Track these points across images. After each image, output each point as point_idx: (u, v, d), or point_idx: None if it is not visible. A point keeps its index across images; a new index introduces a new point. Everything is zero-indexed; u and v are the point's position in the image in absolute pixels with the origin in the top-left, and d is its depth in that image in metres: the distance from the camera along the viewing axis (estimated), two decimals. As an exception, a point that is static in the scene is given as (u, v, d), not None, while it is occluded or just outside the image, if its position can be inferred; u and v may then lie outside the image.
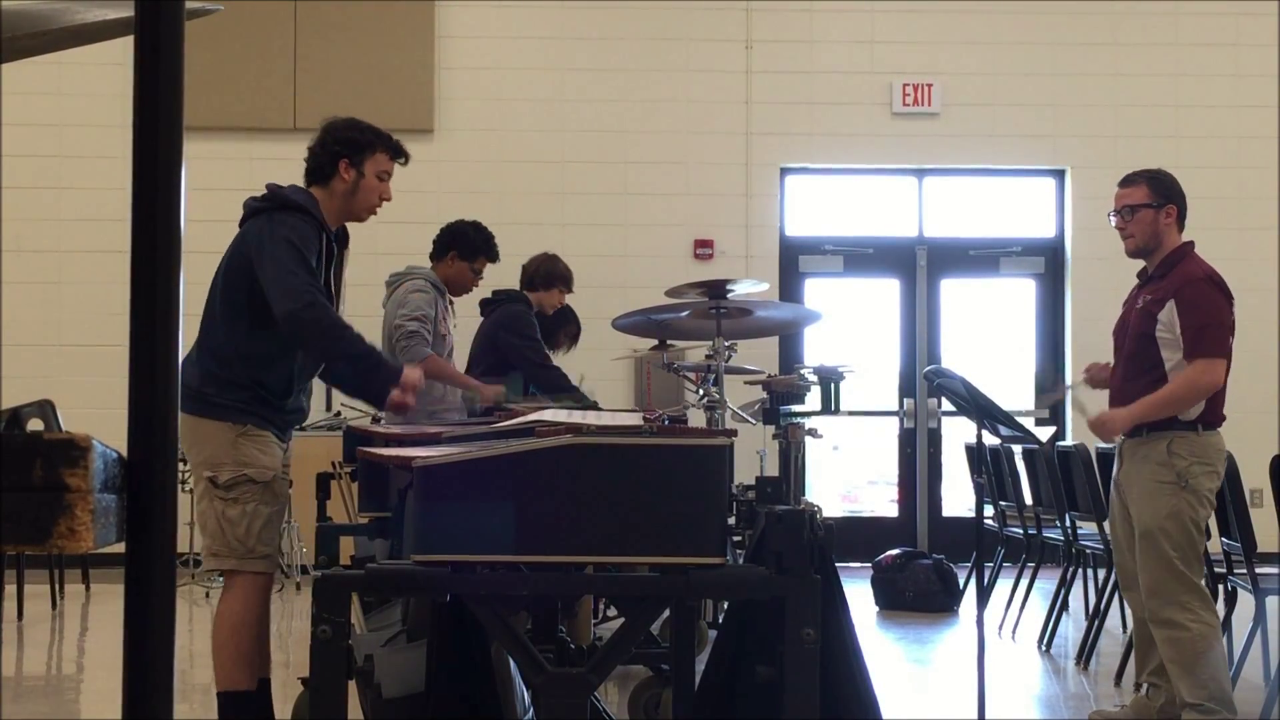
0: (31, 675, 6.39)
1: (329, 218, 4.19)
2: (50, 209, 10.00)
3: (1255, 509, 5.43)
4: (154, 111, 1.45)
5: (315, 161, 4.26)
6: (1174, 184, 4.96)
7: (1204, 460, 4.67)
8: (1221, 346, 4.71)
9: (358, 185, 4.23)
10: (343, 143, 4.24)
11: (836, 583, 2.92)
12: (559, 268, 6.95)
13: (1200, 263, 4.89)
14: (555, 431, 2.79)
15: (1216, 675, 4.63)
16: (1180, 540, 4.64)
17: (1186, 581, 4.64)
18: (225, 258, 4.16)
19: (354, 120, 4.35)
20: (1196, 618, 4.63)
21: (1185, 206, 4.97)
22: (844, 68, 10.46)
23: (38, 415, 7.90)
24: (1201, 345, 4.69)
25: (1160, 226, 4.93)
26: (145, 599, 1.41)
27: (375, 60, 10.10)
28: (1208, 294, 4.78)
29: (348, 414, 8.81)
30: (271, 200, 4.15)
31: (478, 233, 6.16)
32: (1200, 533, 4.70)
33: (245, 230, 4.13)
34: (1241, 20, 10.50)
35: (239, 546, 4.04)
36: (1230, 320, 4.78)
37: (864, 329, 10.66)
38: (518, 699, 3.47)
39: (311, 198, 4.19)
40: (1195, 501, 4.66)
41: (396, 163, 4.35)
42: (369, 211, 4.33)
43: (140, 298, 1.44)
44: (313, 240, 4.06)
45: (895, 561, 8.09)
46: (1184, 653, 4.62)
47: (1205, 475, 4.68)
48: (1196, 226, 11.17)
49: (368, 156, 4.24)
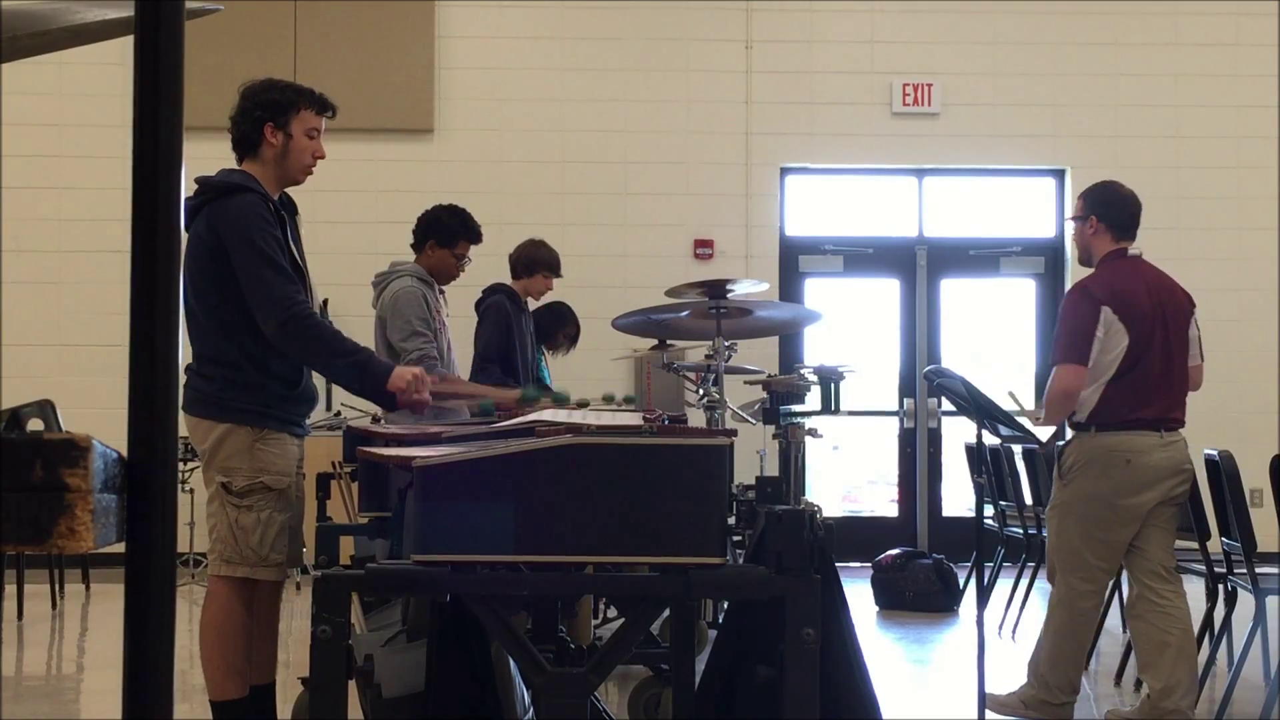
0: (31, 675, 6.39)
1: (267, 187, 4.03)
2: (50, 209, 10.00)
3: (1255, 509, 5.44)
4: (154, 111, 1.45)
5: (239, 131, 4.11)
6: (1102, 195, 5.17)
7: (1090, 460, 4.91)
8: (1073, 353, 4.93)
9: (287, 147, 4.07)
10: (264, 105, 4.08)
11: (836, 583, 2.92)
12: (541, 253, 6.82)
13: (1103, 271, 5.10)
14: (555, 431, 2.79)
15: (1064, 661, 4.95)
16: (1058, 527, 5.02)
17: (1062, 575, 5.01)
18: (185, 268, 4.03)
19: (271, 80, 4.17)
20: (1058, 606, 4.99)
21: (1117, 215, 5.14)
22: (844, 68, 10.46)
23: (38, 415, 7.90)
24: (1057, 352, 5.00)
25: (1087, 238, 5.17)
26: (145, 599, 1.41)
27: (375, 60, 10.10)
28: (1073, 303, 5.03)
29: (348, 414, 8.82)
30: (206, 191, 4.00)
31: (452, 217, 5.89)
32: (1080, 527, 4.95)
33: (194, 233, 3.96)
34: (1241, 20, 10.50)
35: (251, 554, 3.96)
36: (1091, 328, 4.93)
37: (864, 329, 10.66)
38: (518, 699, 3.47)
39: (246, 174, 4.05)
40: (1074, 497, 4.96)
41: (324, 117, 4.15)
42: (304, 172, 4.13)
43: (140, 298, 1.44)
44: (268, 218, 3.92)
45: (895, 561, 8.09)
46: (1048, 628, 5.02)
47: (1089, 476, 4.93)
48: (1196, 226, 11.24)
49: (292, 116, 4.07)
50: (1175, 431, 5.00)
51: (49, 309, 9.97)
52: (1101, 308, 4.93)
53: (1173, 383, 4.99)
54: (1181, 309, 5.07)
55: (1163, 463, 4.92)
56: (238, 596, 4.00)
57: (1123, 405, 4.90)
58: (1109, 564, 5.00)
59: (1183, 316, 5.06)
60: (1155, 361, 4.95)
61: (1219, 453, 5.16)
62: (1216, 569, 5.35)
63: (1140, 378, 4.92)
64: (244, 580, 4.00)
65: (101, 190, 9.79)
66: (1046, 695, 4.99)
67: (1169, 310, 5.01)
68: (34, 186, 9.90)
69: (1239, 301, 10.37)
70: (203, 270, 3.95)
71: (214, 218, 3.92)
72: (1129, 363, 4.92)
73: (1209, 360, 5.33)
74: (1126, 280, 5.00)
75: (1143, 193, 11.14)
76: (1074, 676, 5.00)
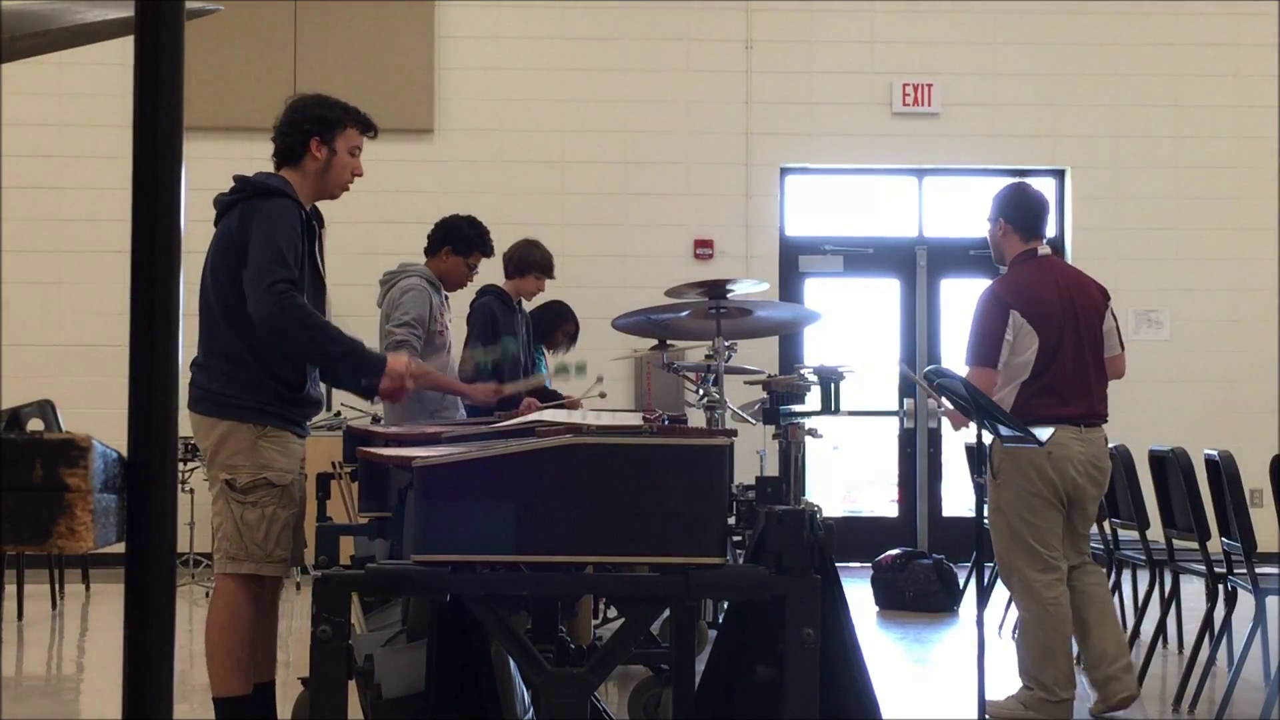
0: (31, 675, 6.39)
1: (302, 198, 4.11)
2: (50, 209, 10.00)
3: (1255, 509, 5.44)
4: (154, 111, 1.45)
5: (285, 142, 4.17)
6: (1010, 197, 5.31)
7: (1014, 456, 5.03)
8: (982, 356, 5.09)
9: (330, 163, 4.16)
10: (313, 120, 4.15)
11: (836, 583, 2.92)
12: (534, 254, 6.86)
13: (1012, 273, 5.25)
14: (555, 431, 2.79)
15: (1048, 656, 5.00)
16: (1002, 529, 5.11)
17: (1015, 566, 5.08)
18: (209, 261, 4.07)
19: (320, 96, 4.26)
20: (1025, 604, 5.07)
21: (1024, 217, 5.24)
22: (844, 68, 10.46)
23: (38, 415, 7.90)
24: (967, 355, 5.17)
25: (996, 240, 5.32)
26: (145, 599, 1.41)
27: (375, 60, 10.10)
28: (981, 307, 5.18)
29: (348, 414, 8.82)
30: (244, 189, 4.07)
31: (472, 228, 6.08)
32: (1023, 523, 5.05)
33: (224, 227, 4.05)
34: (1241, 20, 10.50)
35: (257, 550, 3.99)
36: (999, 331, 5.07)
37: (864, 329, 10.66)
38: (518, 699, 3.47)
39: (284, 180, 4.12)
40: (1009, 496, 5.07)
41: (366, 137, 4.25)
42: (341, 188, 4.24)
43: (140, 298, 1.44)
44: (295, 223, 3.99)
45: (895, 561, 8.09)
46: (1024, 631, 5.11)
47: (1014, 473, 5.05)
48: (1197, 226, 11.23)
49: (339, 133, 4.16)
50: (1096, 427, 5.15)
51: (49, 309, 9.97)
52: (1010, 311, 5.08)
53: (1089, 379, 5.13)
54: (1094, 304, 5.20)
55: (1081, 455, 5.07)
56: (246, 593, 4.03)
57: (1041, 405, 5.05)
58: (1055, 548, 5.09)
59: (1095, 312, 5.19)
60: (1069, 360, 5.08)
61: (1219, 453, 5.17)
62: (1216, 569, 5.35)
63: (1056, 377, 5.06)
64: (251, 577, 4.03)
65: (101, 190, 9.79)
66: (1044, 694, 5.01)
67: (1081, 307, 5.14)
68: (34, 186, 9.90)
69: (1239, 301, 10.37)
70: (226, 264, 4.00)
71: (246, 215, 3.99)
72: (1043, 363, 5.06)
73: (1209, 360, 5.37)
74: (1035, 282, 5.13)
75: (1143, 193, 11.12)
76: (1066, 670, 5.02)
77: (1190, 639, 5.78)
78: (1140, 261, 10.20)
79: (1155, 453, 5.84)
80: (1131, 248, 10.23)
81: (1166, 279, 10.33)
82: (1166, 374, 10.15)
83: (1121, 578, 6.93)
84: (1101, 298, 5.25)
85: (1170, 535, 5.75)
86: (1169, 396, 10.14)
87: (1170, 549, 5.83)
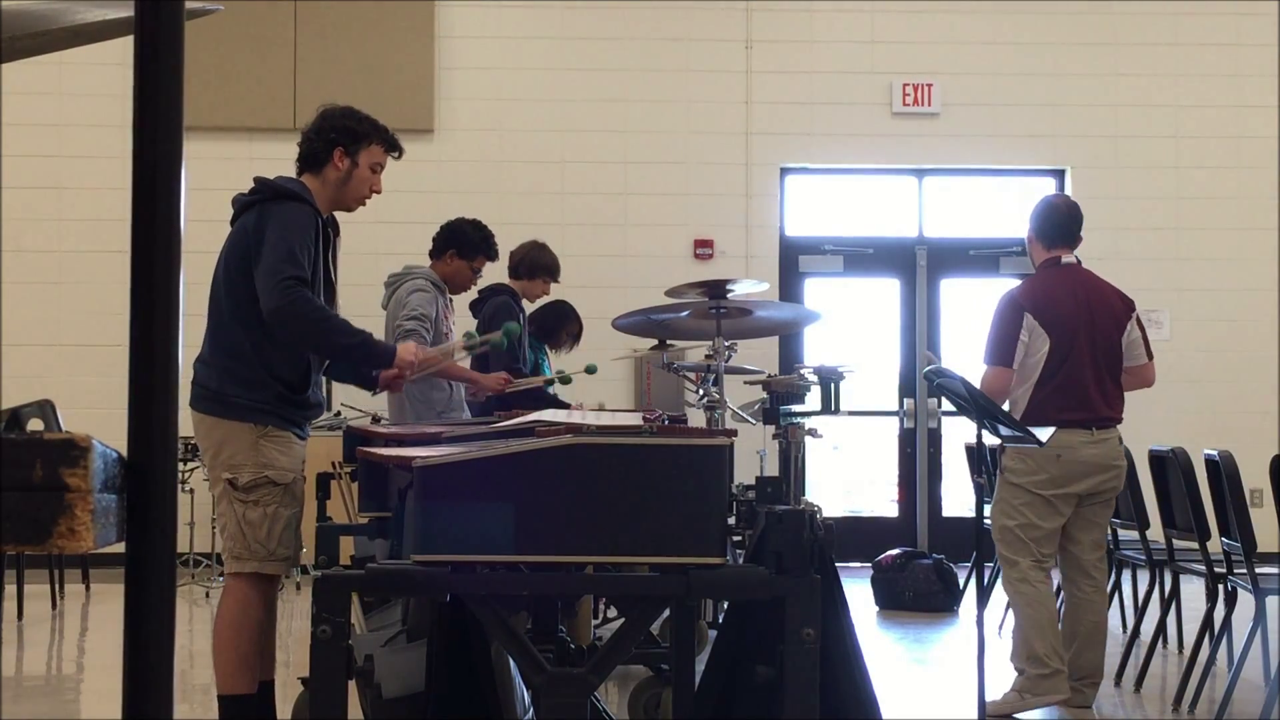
0: (31, 675, 6.39)
1: (320, 205, 4.16)
2: (50, 209, 10.00)
3: (1255, 509, 5.44)
4: (154, 111, 1.45)
5: (310, 148, 4.22)
6: (1036, 209, 5.53)
7: (1022, 457, 5.22)
8: (998, 356, 5.32)
9: (350, 175, 4.20)
10: (340, 131, 4.20)
11: (836, 583, 2.92)
12: (545, 258, 6.90)
13: (1033, 279, 5.47)
14: (555, 431, 2.79)
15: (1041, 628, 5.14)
16: (1002, 524, 5.28)
17: (1011, 559, 5.26)
18: (223, 256, 4.11)
19: (351, 109, 4.31)
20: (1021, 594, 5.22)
21: (1045, 228, 5.46)
22: (844, 68, 10.46)
23: (38, 415, 7.90)
24: (985, 354, 5.39)
25: (1028, 248, 5.55)
26: (145, 599, 1.41)
27: (375, 60, 10.10)
28: (999, 310, 5.39)
29: (348, 414, 8.81)
30: (262, 191, 4.12)
31: (477, 231, 6.15)
32: (1026, 521, 5.23)
33: (240, 226, 4.10)
34: (1241, 20, 10.50)
35: (260, 549, 4.02)
36: (1014, 333, 5.29)
37: (864, 329, 10.66)
38: (518, 699, 3.47)
39: (304, 185, 4.16)
40: (1013, 494, 5.26)
41: (390, 156, 4.31)
42: (358, 202, 4.29)
43: (140, 298, 1.44)
44: (309, 227, 4.03)
45: (895, 561, 8.09)
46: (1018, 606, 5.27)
47: (1022, 472, 5.24)
48: (1197, 226, 11.23)
49: (363, 147, 4.21)
50: (1109, 429, 5.29)
51: (49, 309, 9.97)
52: (1024, 314, 5.28)
53: (1104, 384, 5.29)
54: (1113, 312, 5.36)
55: (1092, 457, 5.23)
56: (256, 592, 4.06)
57: (1052, 407, 5.22)
58: (1049, 550, 5.29)
59: (1113, 320, 5.35)
60: (1084, 365, 5.25)
61: (1219, 453, 5.17)
62: (1216, 569, 5.35)
63: (1068, 380, 5.23)
64: (261, 576, 4.06)
65: (101, 190, 9.78)
66: (1036, 668, 5.11)
67: (1098, 314, 5.31)
68: (34, 186, 9.90)
69: (1239, 301, 10.37)
70: (239, 263, 4.04)
71: (263, 216, 4.02)
72: (1054, 365, 5.24)
73: (1209, 360, 5.41)
74: (1052, 288, 5.34)
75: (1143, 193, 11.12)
76: (1056, 643, 5.17)
77: (1190, 639, 5.78)
78: (1140, 261, 10.19)
79: (1155, 453, 5.85)
80: (1131, 248, 10.22)
81: (1166, 279, 10.33)
82: (1166, 374, 10.08)
83: (1121, 578, 6.93)
84: (1123, 306, 5.41)
85: (1170, 535, 5.76)
86: (1169, 396, 10.13)
87: (1170, 549, 5.84)
